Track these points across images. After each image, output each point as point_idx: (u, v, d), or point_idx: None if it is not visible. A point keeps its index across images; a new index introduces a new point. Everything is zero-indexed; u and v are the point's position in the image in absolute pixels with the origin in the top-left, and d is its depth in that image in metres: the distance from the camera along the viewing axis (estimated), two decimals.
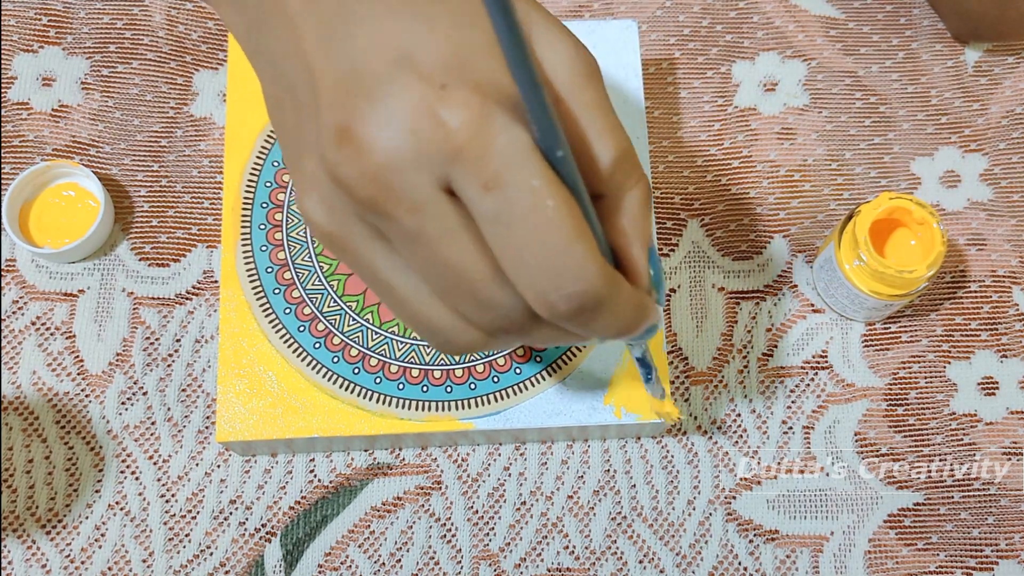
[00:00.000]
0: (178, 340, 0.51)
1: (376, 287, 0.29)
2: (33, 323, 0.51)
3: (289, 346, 0.46)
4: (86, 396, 0.50)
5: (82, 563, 0.48)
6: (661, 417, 0.45)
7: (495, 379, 0.46)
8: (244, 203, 0.48)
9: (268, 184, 0.48)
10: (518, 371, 0.46)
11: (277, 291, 0.47)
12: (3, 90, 0.54)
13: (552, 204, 0.25)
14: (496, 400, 0.46)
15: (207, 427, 0.49)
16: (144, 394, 0.50)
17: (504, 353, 0.46)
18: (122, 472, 0.49)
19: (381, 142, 0.25)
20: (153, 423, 0.49)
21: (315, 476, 0.49)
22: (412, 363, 0.46)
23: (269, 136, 0.49)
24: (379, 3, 0.26)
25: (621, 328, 0.28)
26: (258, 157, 0.48)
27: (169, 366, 0.50)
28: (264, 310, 0.46)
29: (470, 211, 0.25)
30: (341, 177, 0.26)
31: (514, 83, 0.24)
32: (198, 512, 0.48)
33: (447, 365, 0.46)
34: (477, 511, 0.49)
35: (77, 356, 0.50)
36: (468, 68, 0.25)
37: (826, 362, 0.51)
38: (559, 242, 0.25)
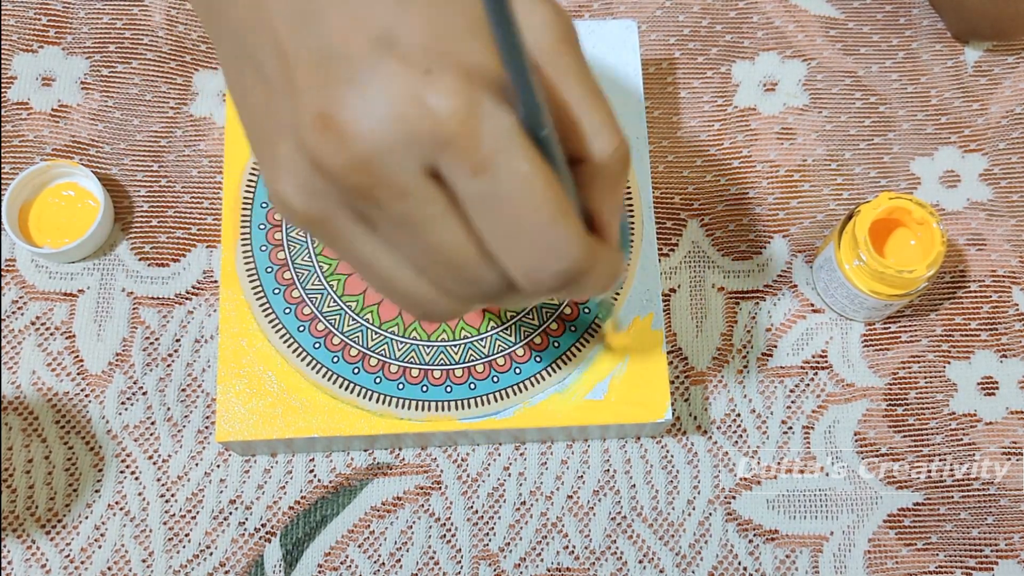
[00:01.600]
0: (178, 340, 0.51)
1: (356, 265, 0.29)
2: (33, 323, 0.51)
3: (289, 346, 0.46)
4: (86, 396, 0.50)
5: (82, 563, 0.48)
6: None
7: (495, 379, 0.46)
8: (244, 203, 0.48)
9: None
10: (518, 371, 0.46)
11: (277, 291, 0.47)
12: (3, 90, 0.54)
13: (539, 185, 0.25)
14: (496, 400, 0.46)
15: (207, 427, 0.49)
16: (144, 394, 0.50)
17: (504, 353, 0.46)
18: (122, 472, 0.49)
19: (366, 129, 0.24)
20: (153, 423, 0.49)
21: (315, 476, 0.49)
22: (412, 363, 0.46)
23: None
24: None
25: (598, 290, 0.29)
26: None
27: (169, 366, 0.50)
28: (264, 310, 0.46)
29: (456, 194, 0.25)
30: (325, 165, 0.25)
31: (499, 64, 0.24)
32: (198, 512, 0.48)
33: (447, 365, 0.46)
34: (477, 511, 0.49)
35: (77, 356, 0.50)
36: (450, 50, 0.25)
37: (826, 362, 0.51)
38: (545, 222, 0.25)
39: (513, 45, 0.23)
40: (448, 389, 0.46)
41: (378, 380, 0.46)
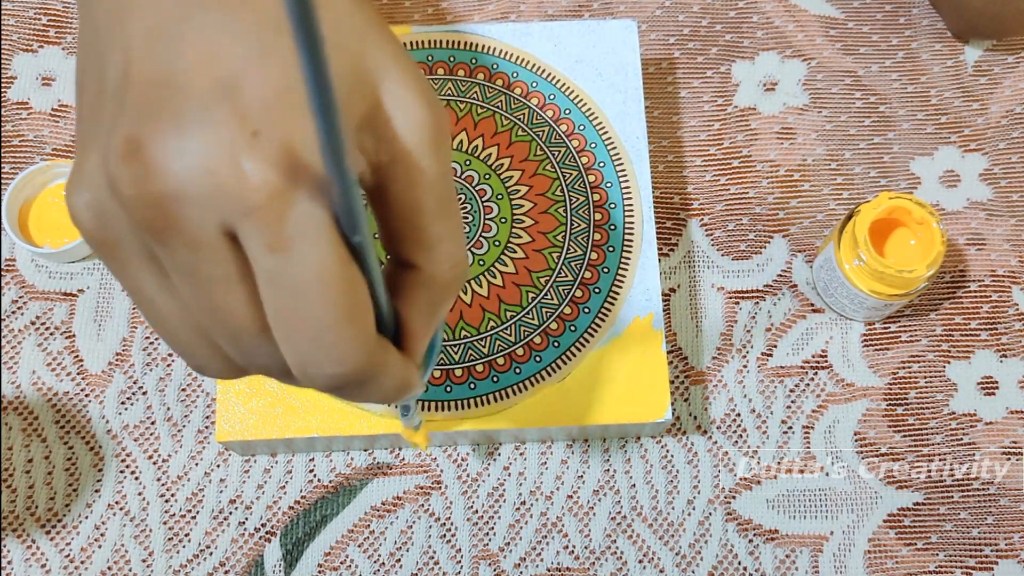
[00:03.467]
0: None
1: (136, 300, 0.27)
2: (33, 323, 0.51)
3: None
4: (86, 396, 0.50)
5: (82, 563, 0.48)
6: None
7: (495, 379, 0.46)
8: None
9: None
10: (518, 371, 0.46)
11: None
12: (3, 90, 0.54)
13: (334, 282, 0.24)
14: (496, 400, 0.46)
15: (207, 427, 0.49)
16: (144, 394, 0.50)
17: (504, 353, 0.46)
18: (122, 472, 0.49)
19: (171, 170, 0.23)
20: (153, 423, 0.49)
21: (315, 476, 0.49)
22: None
23: None
24: (224, 14, 0.24)
25: (380, 401, 0.28)
26: None
27: (169, 366, 0.50)
28: None
29: (250, 261, 0.24)
30: (120, 191, 0.24)
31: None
32: (198, 512, 0.48)
33: (447, 365, 0.46)
34: (477, 511, 0.49)
35: (77, 356, 0.50)
36: (286, 121, 0.23)
37: (826, 362, 0.51)
38: (332, 321, 0.24)
39: (336, 150, 0.21)
40: (448, 389, 0.46)
41: None
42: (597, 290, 0.47)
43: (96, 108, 0.26)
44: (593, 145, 0.50)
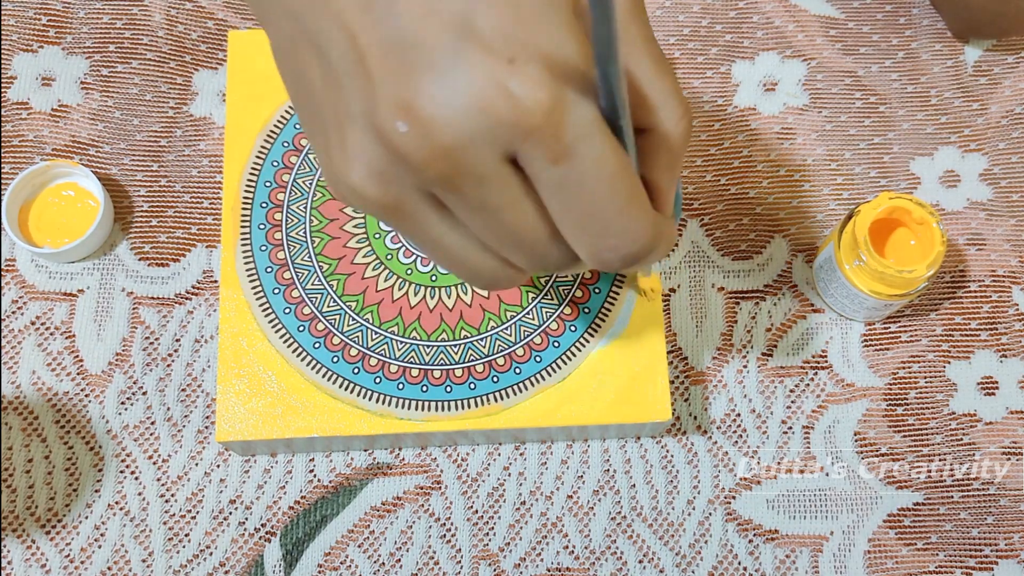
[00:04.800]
0: (178, 340, 0.51)
1: (423, 244, 0.29)
2: (33, 323, 0.51)
3: (289, 346, 0.46)
4: (86, 396, 0.50)
5: (82, 563, 0.48)
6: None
7: (495, 379, 0.46)
8: (244, 203, 0.48)
9: (268, 184, 0.48)
10: (518, 371, 0.46)
11: (277, 291, 0.47)
12: (3, 90, 0.54)
13: (616, 173, 0.25)
14: (496, 400, 0.46)
15: (207, 427, 0.49)
16: (144, 394, 0.50)
17: (504, 353, 0.46)
18: (122, 472, 0.49)
19: (449, 119, 0.24)
20: (153, 423, 0.49)
21: (315, 476, 0.49)
22: (412, 363, 0.46)
23: (268, 136, 0.49)
24: None
25: (655, 262, 0.30)
26: (258, 157, 0.48)
27: (169, 366, 0.50)
28: (264, 310, 0.46)
29: (532, 179, 0.26)
30: (406, 154, 0.25)
31: (580, 52, 0.24)
32: (198, 512, 0.48)
33: (447, 365, 0.46)
34: (477, 511, 0.49)
35: (77, 356, 0.50)
36: (531, 38, 0.24)
37: (826, 362, 0.51)
38: (620, 208, 0.26)
39: (610, 40, 0.23)
40: (448, 389, 0.46)
41: (378, 380, 0.46)
42: (597, 290, 0.47)
43: (332, 89, 0.27)
44: None
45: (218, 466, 0.49)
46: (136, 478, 0.49)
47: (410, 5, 0.25)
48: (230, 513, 0.48)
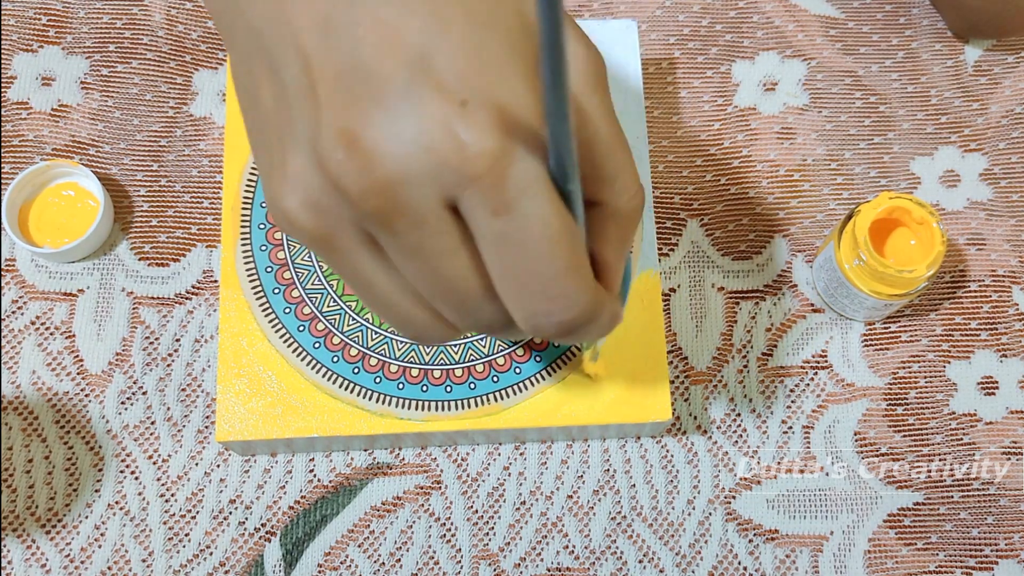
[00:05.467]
0: (178, 340, 0.51)
1: (353, 283, 0.28)
2: (33, 323, 0.51)
3: (289, 346, 0.46)
4: (86, 396, 0.50)
5: (82, 563, 0.48)
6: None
7: (495, 379, 0.46)
8: (244, 203, 0.48)
9: None
10: (518, 371, 0.46)
11: (277, 291, 0.47)
12: (3, 90, 0.54)
13: (558, 235, 0.25)
14: (496, 400, 0.46)
15: (207, 427, 0.49)
16: (144, 394, 0.50)
17: (504, 353, 0.46)
18: (122, 472, 0.49)
19: (392, 154, 0.23)
20: (153, 423, 0.49)
21: (315, 476, 0.49)
22: (412, 363, 0.46)
23: None
24: None
25: (595, 338, 0.29)
26: None
27: (169, 366, 0.50)
28: (264, 310, 0.46)
29: (472, 230, 0.25)
30: (345, 185, 0.24)
31: (535, 107, 0.24)
32: (198, 512, 0.48)
33: (447, 365, 0.46)
34: (477, 511, 0.49)
35: (77, 356, 0.50)
36: (488, 84, 0.24)
37: (826, 362, 0.51)
38: (559, 271, 0.25)
39: (559, 94, 0.22)
40: (448, 389, 0.46)
41: (378, 380, 0.46)
42: None
43: (281, 110, 0.26)
44: None
45: (218, 466, 0.49)
46: (136, 478, 0.49)
47: (369, 34, 0.24)
48: (230, 513, 0.48)
